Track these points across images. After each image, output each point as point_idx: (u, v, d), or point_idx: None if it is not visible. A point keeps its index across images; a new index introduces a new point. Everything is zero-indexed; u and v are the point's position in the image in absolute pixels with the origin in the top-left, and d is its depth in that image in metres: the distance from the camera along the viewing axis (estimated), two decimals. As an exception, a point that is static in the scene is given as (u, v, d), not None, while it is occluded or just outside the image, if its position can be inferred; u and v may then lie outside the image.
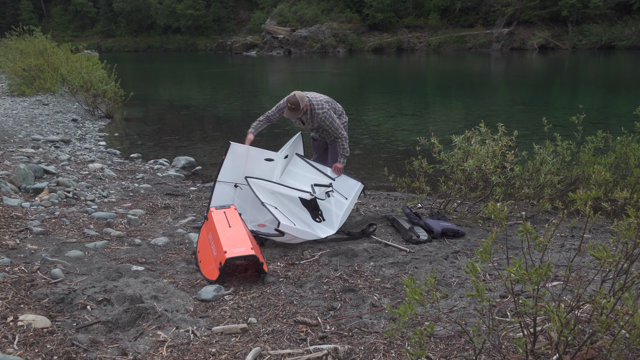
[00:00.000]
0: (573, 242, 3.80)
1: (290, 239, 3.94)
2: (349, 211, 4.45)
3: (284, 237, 3.88)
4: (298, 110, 4.43)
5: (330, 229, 4.25)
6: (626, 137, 4.34)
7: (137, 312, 2.64)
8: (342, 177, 4.65)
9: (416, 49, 38.98)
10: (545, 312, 1.88)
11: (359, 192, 4.60)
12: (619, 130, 4.54)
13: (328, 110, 4.54)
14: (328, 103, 4.61)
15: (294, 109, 4.43)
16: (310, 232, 4.04)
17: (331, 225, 4.30)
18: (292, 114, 4.48)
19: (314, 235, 4.04)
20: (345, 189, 4.57)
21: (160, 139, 9.56)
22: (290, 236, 3.87)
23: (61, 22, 59.23)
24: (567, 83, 19.00)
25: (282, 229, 3.75)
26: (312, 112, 4.52)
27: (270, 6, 46.50)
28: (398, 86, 19.32)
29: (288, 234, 3.81)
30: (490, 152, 4.28)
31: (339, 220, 4.34)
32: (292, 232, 3.83)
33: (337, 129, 4.62)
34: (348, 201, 4.49)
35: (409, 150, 7.81)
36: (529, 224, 1.84)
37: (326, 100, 4.62)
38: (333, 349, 2.33)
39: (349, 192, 4.55)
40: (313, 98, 4.55)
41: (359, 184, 4.63)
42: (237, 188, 4.46)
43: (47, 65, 14.40)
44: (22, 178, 5.11)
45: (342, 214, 4.40)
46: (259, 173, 4.49)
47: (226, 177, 4.41)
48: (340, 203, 4.47)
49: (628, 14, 32.56)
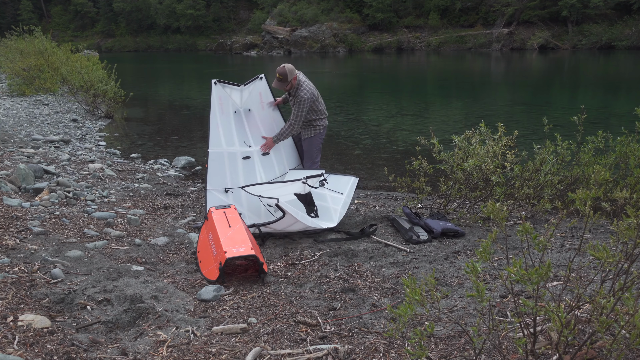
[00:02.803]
0: (573, 242, 3.80)
1: (291, 223, 3.94)
2: (347, 205, 4.48)
3: (285, 221, 3.87)
4: (285, 82, 4.70)
5: (330, 222, 4.28)
6: (626, 137, 4.34)
7: (137, 312, 2.64)
8: (334, 177, 4.71)
9: (416, 49, 38.97)
10: (545, 312, 1.88)
11: (354, 185, 4.64)
12: (619, 130, 4.54)
13: (307, 100, 4.73)
14: (312, 96, 4.79)
15: (281, 79, 4.71)
16: (311, 220, 4.08)
17: (331, 219, 4.33)
18: (279, 84, 4.75)
19: (315, 224, 4.07)
20: (339, 185, 4.63)
21: (160, 139, 9.57)
22: (291, 218, 3.86)
23: (61, 22, 59.21)
24: (567, 83, 18.99)
25: (281, 205, 3.76)
26: (297, 89, 4.76)
27: (270, 6, 46.47)
28: (398, 86, 19.32)
29: (289, 213, 3.81)
30: (490, 152, 4.28)
31: (337, 214, 4.37)
32: (292, 212, 3.85)
33: (297, 117, 4.78)
34: (344, 195, 4.53)
35: (409, 150, 7.81)
36: (528, 224, 1.84)
37: (312, 93, 4.79)
38: (333, 349, 2.33)
39: (343, 188, 4.60)
40: (304, 82, 4.79)
41: (352, 178, 4.69)
42: (228, 192, 4.58)
43: (47, 65, 14.40)
44: (22, 178, 5.11)
45: (340, 207, 4.43)
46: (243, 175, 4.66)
47: (214, 184, 4.55)
48: (336, 199, 4.52)
49: (628, 14, 32.54)
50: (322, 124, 5.00)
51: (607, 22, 33.11)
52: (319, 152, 5.12)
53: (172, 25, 53.17)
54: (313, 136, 4.98)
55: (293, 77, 4.68)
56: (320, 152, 5.13)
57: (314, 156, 5.05)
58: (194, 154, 7.92)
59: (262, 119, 4.90)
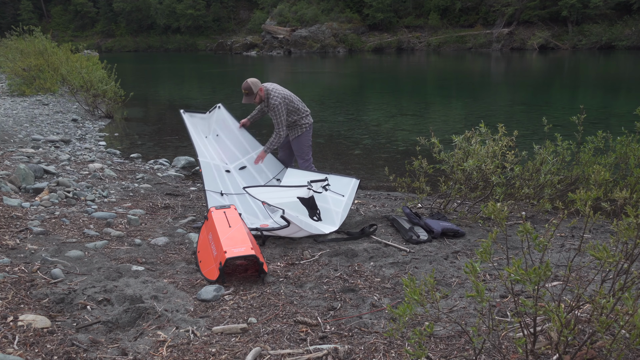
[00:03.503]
0: (573, 242, 3.80)
1: (295, 231, 3.97)
2: (348, 207, 4.49)
3: (288, 229, 3.90)
4: (252, 95, 4.87)
5: (332, 225, 4.29)
6: (626, 137, 4.34)
7: (137, 312, 2.64)
8: (335, 178, 4.73)
9: (416, 49, 38.97)
10: (545, 312, 1.88)
11: (355, 187, 4.66)
12: (619, 130, 4.54)
13: (280, 105, 4.85)
14: (284, 99, 4.91)
15: (247, 94, 4.88)
16: (314, 226, 4.09)
17: (332, 222, 4.35)
18: (248, 99, 4.92)
19: (318, 230, 4.08)
20: (340, 187, 4.64)
21: (160, 139, 9.57)
22: (295, 227, 3.89)
23: (61, 22, 59.23)
24: (567, 83, 18.99)
25: (287, 217, 3.79)
26: (268, 99, 4.89)
27: (270, 6, 46.49)
28: (398, 86, 19.32)
29: (293, 223, 3.84)
30: (490, 152, 4.28)
31: (339, 216, 4.39)
32: (296, 222, 3.87)
33: (279, 124, 4.93)
34: (345, 198, 4.55)
35: (409, 150, 7.81)
36: (529, 224, 1.84)
37: (283, 96, 4.91)
38: (333, 349, 2.33)
39: (344, 190, 4.62)
40: (272, 89, 4.92)
41: (353, 179, 4.71)
42: (223, 196, 4.72)
43: (47, 65, 14.40)
44: (22, 178, 5.11)
45: (342, 210, 4.45)
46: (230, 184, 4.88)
47: (211, 186, 4.69)
48: (338, 201, 4.54)
49: (628, 14, 32.55)
50: (307, 122, 5.11)
51: (607, 22, 33.12)
52: (310, 149, 5.21)
53: (172, 25, 53.18)
54: (300, 135, 5.10)
55: (259, 89, 4.87)
56: (310, 149, 5.23)
57: (304, 154, 5.17)
58: (194, 154, 7.91)
59: (232, 140, 5.14)
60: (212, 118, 5.08)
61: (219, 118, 5.11)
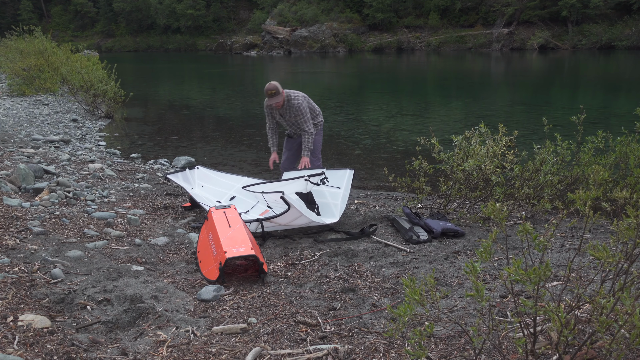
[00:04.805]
0: (573, 242, 3.80)
1: (296, 217, 3.96)
2: (346, 198, 4.54)
3: (289, 215, 3.90)
4: (279, 95, 4.77)
5: (332, 218, 4.32)
6: (626, 137, 4.34)
7: (137, 312, 2.64)
8: (330, 172, 4.77)
9: (416, 49, 38.98)
10: (545, 312, 1.88)
11: (351, 177, 4.71)
12: (619, 130, 4.54)
13: (303, 102, 4.89)
14: (305, 98, 4.96)
15: (274, 93, 4.75)
16: (314, 214, 4.11)
17: (332, 215, 4.38)
18: (273, 100, 4.78)
19: (318, 219, 4.12)
20: (336, 180, 4.69)
21: (160, 139, 9.57)
22: (295, 212, 3.90)
23: (61, 22, 59.24)
24: (567, 83, 19.00)
25: (286, 198, 3.80)
26: (289, 101, 4.87)
27: (270, 6, 46.50)
28: (398, 86, 19.32)
29: (293, 207, 3.85)
30: (490, 152, 4.28)
31: (338, 209, 4.42)
32: (297, 205, 3.89)
33: (307, 122, 4.96)
34: (342, 190, 4.59)
35: (409, 150, 7.81)
36: (529, 224, 1.84)
37: (303, 95, 4.97)
38: (333, 349, 2.33)
39: (340, 182, 4.67)
40: (290, 91, 4.95)
41: (348, 170, 4.76)
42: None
43: (47, 65, 14.41)
44: (22, 178, 5.11)
45: (340, 202, 4.49)
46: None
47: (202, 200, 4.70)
48: (335, 194, 4.58)
49: (628, 14, 32.56)
50: (321, 120, 5.25)
51: (607, 22, 33.13)
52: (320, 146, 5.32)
53: (172, 25, 53.18)
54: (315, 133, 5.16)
55: (282, 91, 4.86)
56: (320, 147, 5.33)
57: (317, 152, 5.24)
58: (194, 154, 7.92)
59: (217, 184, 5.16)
60: (194, 176, 5.14)
61: (200, 175, 5.16)
